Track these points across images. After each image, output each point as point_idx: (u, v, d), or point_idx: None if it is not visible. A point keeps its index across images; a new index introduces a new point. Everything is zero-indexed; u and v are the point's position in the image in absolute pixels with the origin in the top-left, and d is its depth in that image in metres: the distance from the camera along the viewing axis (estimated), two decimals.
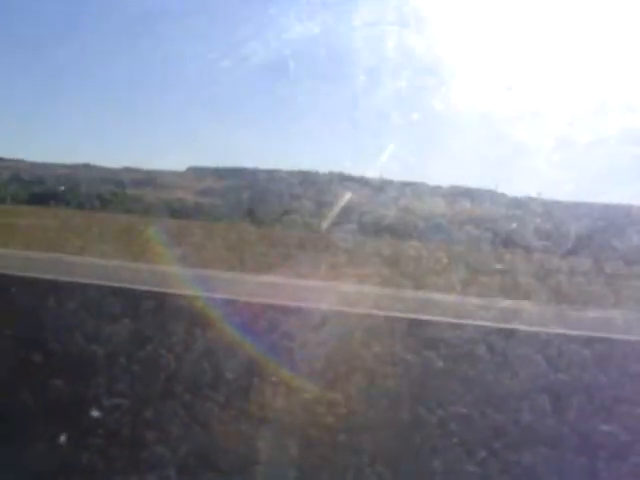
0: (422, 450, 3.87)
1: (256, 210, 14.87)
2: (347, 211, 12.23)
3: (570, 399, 3.72)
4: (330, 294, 5.69)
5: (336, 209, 13.83)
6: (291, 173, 17.08)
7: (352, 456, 3.94)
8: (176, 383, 4.15)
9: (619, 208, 14.18)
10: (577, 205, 14.17)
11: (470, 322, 4.15)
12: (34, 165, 26.79)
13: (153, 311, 4.28)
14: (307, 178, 15.66)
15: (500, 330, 4.01)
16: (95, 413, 4.10)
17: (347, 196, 13.08)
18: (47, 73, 33.49)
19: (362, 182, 16.72)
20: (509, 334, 3.95)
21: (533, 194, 14.94)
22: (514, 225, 12.85)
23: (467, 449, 3.75)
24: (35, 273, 5.02)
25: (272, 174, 15.97)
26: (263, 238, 12.96)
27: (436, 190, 16.79)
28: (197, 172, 20.37)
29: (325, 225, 13.93)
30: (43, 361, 4.31)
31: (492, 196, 14.76)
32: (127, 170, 24.18)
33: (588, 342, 3.83)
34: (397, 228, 12.95)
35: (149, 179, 20.50)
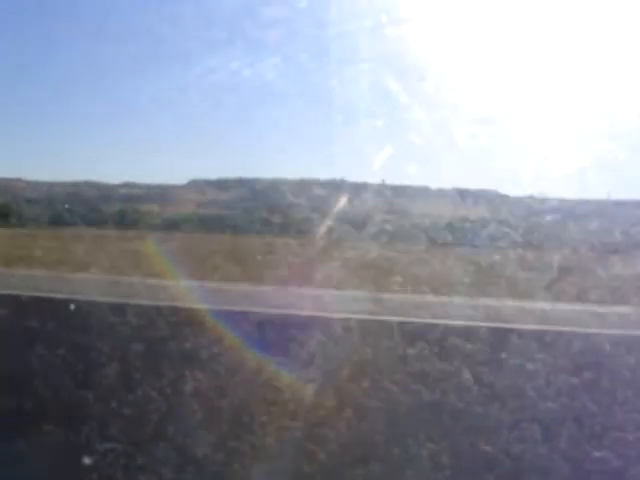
0: None
1: (278, 220, 14.71)
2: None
3: None
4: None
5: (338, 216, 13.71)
6: (293, 182, 17.09)
7: None
8: None
9: None
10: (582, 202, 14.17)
11: None
12: (34, 184, 26.74)
13: None
14: (308, 186, 15.67)
15: None
16: None
17: (343, 200, 13.03)
18: (43, 89, 33.56)
19: (364, 188, 16.75)
20: None
21: (534, 194, 15.00)
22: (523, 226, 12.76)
23: None
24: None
25: (275, 183, 15.97)
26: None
27: (439, 193, 16.83)
28: (199, 185, 20.36)
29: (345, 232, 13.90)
30: None
31: (495, 197, 14.77)
32: (128, 185, 24.15)
33: None
34: (410, 234, 12.88)
35: (156, 194, 20.50)
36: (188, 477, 4.09)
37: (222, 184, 19.59)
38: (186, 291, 6.10)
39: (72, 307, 4.62)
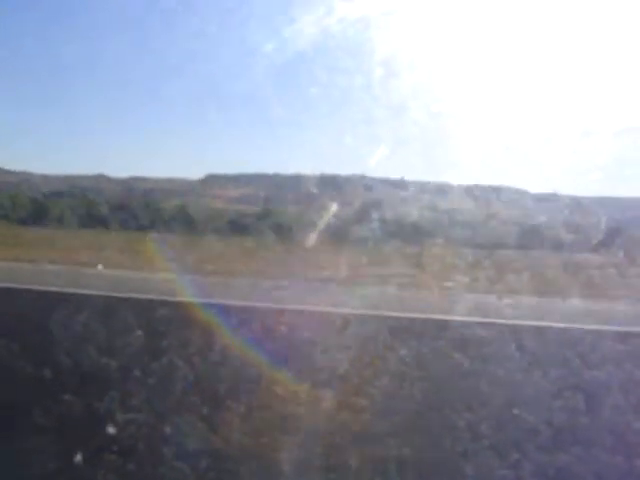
0: None
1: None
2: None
3: None
4: None
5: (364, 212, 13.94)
6: (314, 177, 17.18)
7: None
8: None
9: None
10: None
11: None
12: (45, 177, 26.63)
13: None
14: (333, 181, 15.79)
15: None
16: None
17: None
18: (54, 82, 33.51)
19: (385, 183, 16.91)
20: None
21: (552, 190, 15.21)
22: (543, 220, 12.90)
23: None
24: None
25: (300, 179, 16.02)
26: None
27: (459, 188, 17.01)
28: (216, 180, 20.43)
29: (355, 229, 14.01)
30: None
31: (516, 193, 14.95)
32: (143, 180, 24.12)
33: None
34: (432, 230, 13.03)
35: (174, 189, 20.53)
36: None
37: (240, 179, 19.67)
38: None
39: None
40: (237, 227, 15.25)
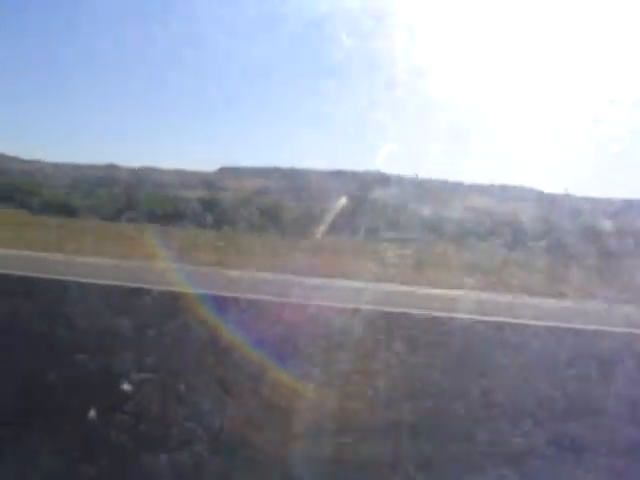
0: None
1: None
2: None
3: None
4: None
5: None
6: (330, 173, 17.19)
7: None
8: None
9: None
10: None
11: None
12: (56, 166, 26.68)
13: None
14: (349, 178, 15.81)
15: None
16: None
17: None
18: (68, 73, 33.60)
19: (399, 181, 16.90)
20: None
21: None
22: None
23: None
24: None
25: (320, 174, 16.02)
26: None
27: (473, 188, 17.04)
28: (231, 172, 20.48)
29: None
30: None
31: (532, 194, 14.96)
32: (154, 171, 24.14)
33: None
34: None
35: (186, 181, 20.53)
36: None
37: (255, 172, 19.73)
38: None
39: None
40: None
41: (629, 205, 13.12)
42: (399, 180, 16.68)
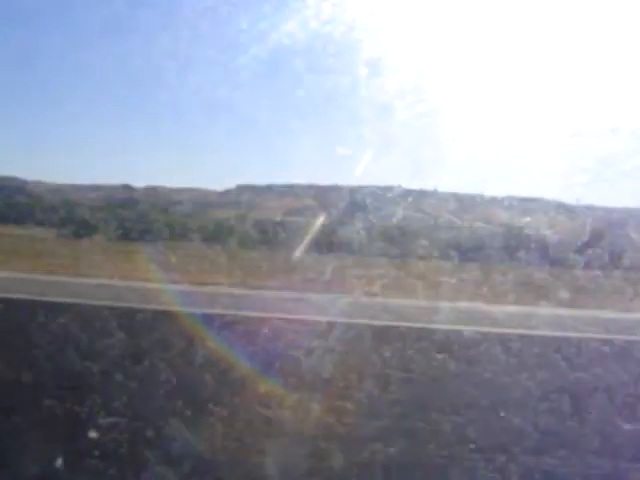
0: None
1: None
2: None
3: None
4: None
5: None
6: (352, 188, 16.93)
7: None
8: None
9: None
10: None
11: None
12: (75, 187, 26.70)
13: None
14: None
15: None
16: None
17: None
18: (77, 91, 34.07)
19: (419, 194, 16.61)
20: None
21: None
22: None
23: None
24: None
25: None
26: None
27: (493, 201, 16.74)
28: (248, 190, 20.39)
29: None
30: None
31: (555, 206, 14.64)
32: (168, 190, 23.97)
33: None
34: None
35: (199, 200, 20.50)
36: None
37: (270, 190, 19.59)
38: None
39: None
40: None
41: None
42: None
